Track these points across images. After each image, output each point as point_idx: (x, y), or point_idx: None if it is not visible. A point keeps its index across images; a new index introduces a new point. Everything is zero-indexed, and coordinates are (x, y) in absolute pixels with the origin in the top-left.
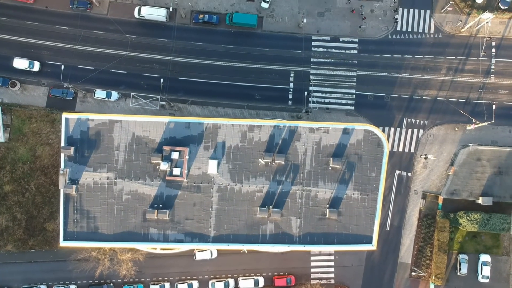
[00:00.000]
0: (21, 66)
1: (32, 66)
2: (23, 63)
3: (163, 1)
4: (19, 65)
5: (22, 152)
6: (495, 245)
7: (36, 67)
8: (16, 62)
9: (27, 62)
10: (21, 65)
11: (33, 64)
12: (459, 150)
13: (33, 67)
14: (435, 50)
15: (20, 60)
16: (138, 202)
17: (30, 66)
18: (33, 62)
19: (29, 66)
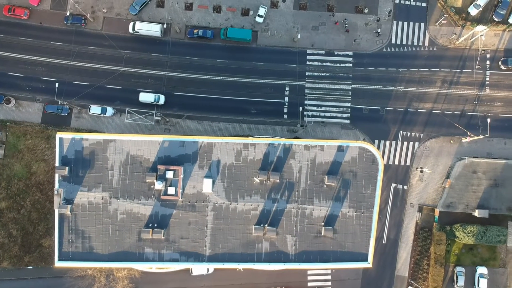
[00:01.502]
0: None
1: None
2: None
3: (157, 16)
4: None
5: (17, 169)
6: (492, 257)
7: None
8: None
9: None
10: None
11: None
12: (454, 162)
13: None
14: (429, 63)
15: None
16: (133, 222)
17: None
18: None
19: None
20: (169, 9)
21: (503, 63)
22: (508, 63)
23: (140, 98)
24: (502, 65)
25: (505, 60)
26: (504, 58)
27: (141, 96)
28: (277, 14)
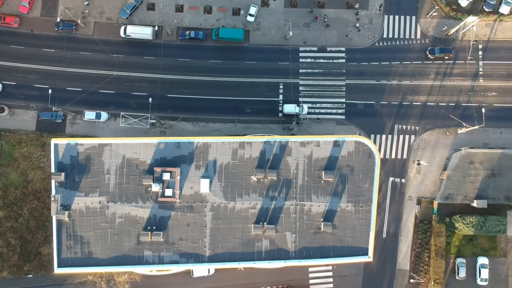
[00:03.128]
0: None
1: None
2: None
3: (148, 19)
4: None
5: (13, 177)
6: (492, 247)
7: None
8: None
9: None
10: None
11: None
12: (451, 154)
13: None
14: (422, 56)
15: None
16: (131, 225)
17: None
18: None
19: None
20: (160, 12)
21: (430, 53)
22: (435, 52)
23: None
24: (429, 55)
25: (432, 50)
26: (431, 48)
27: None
28: (268, 12)
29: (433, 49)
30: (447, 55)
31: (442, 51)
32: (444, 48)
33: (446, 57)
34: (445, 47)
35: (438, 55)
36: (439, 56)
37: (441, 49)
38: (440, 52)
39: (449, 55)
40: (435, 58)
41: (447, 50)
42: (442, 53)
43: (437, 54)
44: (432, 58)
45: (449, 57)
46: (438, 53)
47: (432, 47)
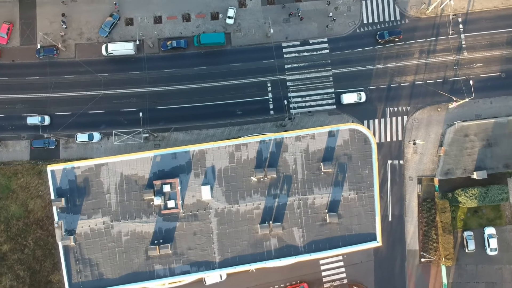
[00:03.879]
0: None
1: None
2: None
3: (128, 34)
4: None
5: (14, 209)
6: (497, 217)
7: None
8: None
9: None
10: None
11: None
12: (445, 129)
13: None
14: (404, 36)
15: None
16: (138, 241)
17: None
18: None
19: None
20: (139, 26)
21: (379, 37)
22: (385, 36)
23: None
24: (379, 39)
25: (381, 34)
26: (380, 32)
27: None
28: (247, 13)
29: (382, 33)
30: (397, 37)
31: (391, 34)
32: (393, 30)
33: (396, 40)
34: (394, 29)
35: (388, 39)
36: (390, 39)
37: (390, 32)
38: (389, 35)
39: (399, 37)
40: (386, 41)
41: (396, 32)
42: (392, 36)
43: (387, 37)
44: (382, 42)
45: (399, 38)
46: (388, 36)
47: (381, 32)
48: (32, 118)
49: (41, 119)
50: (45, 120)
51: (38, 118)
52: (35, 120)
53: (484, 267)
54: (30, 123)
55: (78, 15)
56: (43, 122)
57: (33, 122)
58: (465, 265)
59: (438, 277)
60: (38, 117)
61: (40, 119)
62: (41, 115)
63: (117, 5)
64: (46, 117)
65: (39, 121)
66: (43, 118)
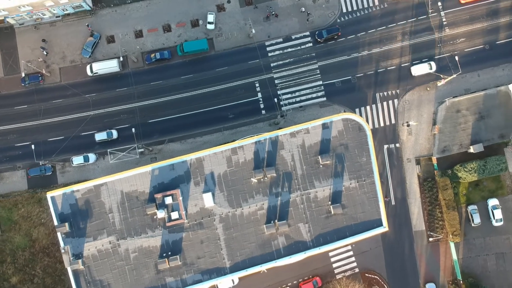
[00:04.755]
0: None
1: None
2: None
3: (111, 52)
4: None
5: (18, 240)
6: (498, 187)
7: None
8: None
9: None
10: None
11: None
12: (437, 108)
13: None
14: (385, 20)
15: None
16: (147, 256)
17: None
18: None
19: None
20: (121, 42)
21: (318, 37)
22: (323, 35)
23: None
24: (319, 38)
25: (320, 33)
26: (318, 32)
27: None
28: (226, 16)
29: (320, 33)
30: (336, 34)
31: (329, 32)
32: (331, 28)
33: (335, 37)
34: (332, 28)
35: (327, 37)
36: (329, 37)
37: (328, 31)
38: (328, 33)
39: (338, 34)
40: (325, 40)
41: (334, 30)
42: (331, 34)
43: (326, 36)
44: (322, 41)
45: (338, 35)
46: (327, 35)
47: (320, 31)
48: (100, 134)
49: (109, 134)
50: (113, 135)
51: (105, 134)
52: (103, 135)
53: (492, 238)
54: (98, 139)
55: (58, 38)
56: (111, 136)
57: (102, 138)
58: (473, 239)
59: (448, 254)
60: (105, 133)
61: (107, 134)
62: (108, 130)
63: (90, 27)
64: (113, 131)
65: (107, 136)
66: (111, 133)
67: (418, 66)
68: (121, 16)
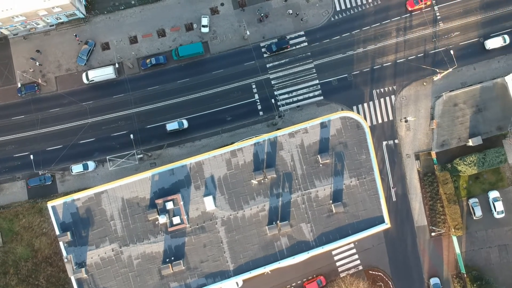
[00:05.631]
0: None
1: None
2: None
3: (106, 59)
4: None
5: (20, 251)
6: (499, 179)
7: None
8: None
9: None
10: None
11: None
12: (434, 102)
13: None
14: (379, 17)
15: None
16: (150, 262)
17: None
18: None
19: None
20: (116, 49)
21: (268, 50)
22: (273, 49)
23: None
24: (268, 52)
25: (269, 47)
26: (268, 45)
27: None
28: (220, 19)
29: (270, 46)
30: (285, 47)
31: (278, 45)
32: (280, 41)
33: (285, 49)
34: (280, 41)
35: (276, 50)
36: (278, 50)
37: (277, 44)
38: (277, 46)
39: (287, 47)
40: (274, 53)
41: (283, 43)
42: (279, 47)
43: (275, 49)
44: (271, 54)
45: (288, 48)
46: (276, 48)
47: (269, 45)
48: (171, 124)
49: (180, 124)
50: (184, 124)
51: (176, 124)
52: (174, 125)
53: (494, 230)
54: (170, 129)
55: (53, 47)
56: (182, 126)
57: (173, 128)
58: (475, 232)
59: (451, 248)
60: (176, 123)
61: (178, 124)
62: (179, 120)
63: (78, 37)
64: (184, 121)
65: (178, 126)
66: (182, 123)
67: (492, 39)
68: (115, 22)
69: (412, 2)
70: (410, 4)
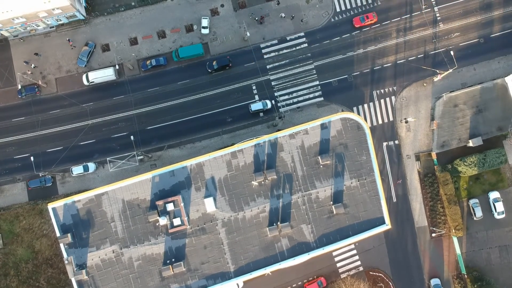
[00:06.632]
0: None
1: None
2: None
3: (107, 60)
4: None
5: (21, 253)
6: (499, 180)
7: None
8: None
9: None
10: None
11: None
12: (434, 103)
13: None
14: (379, 18)
15: None
16: (151, 264)
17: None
18: None
19: None
20: (116, 50)
21: (209, 68)
22: (214, 67)
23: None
24: (209, 69)
25: (210, 65)
26: (209, 63)
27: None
28: (220, 20)
29: (211, 64)
30: (226, 66)
31: (219, 63)
32: (221, 59)
33: (227, 68)
34: (221, 58)
35: (217, 68)
36: (219, 69)
37: (218, 62)
38: (218, 64)
39: (229, 65)
40: (216, 70)
41: (224, 61)
42: (220, 65)
43: (216, 67)
44: (213, 72)
45: (229, 67)
46: (217, 66)
47: (210, 62)
48: (255, 104)
49: (264, 104)
50: (268, 104)
51: (260, 104)
52: (259, 106)
53: (494, 231)
54: (254, 109)
55: (53, 49)
56: (266, 106)
57: (258, 108)
58: (475, 233)
59: (452, 249)
60: (260, 103)
61: (262, 104)
62: (263, 100)
63: (71, 41)
64: (267, 101)
65: (262, 106)
66: (265, 103)
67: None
68: (115, 24)
69: (359, 20)
70: (356, 22)
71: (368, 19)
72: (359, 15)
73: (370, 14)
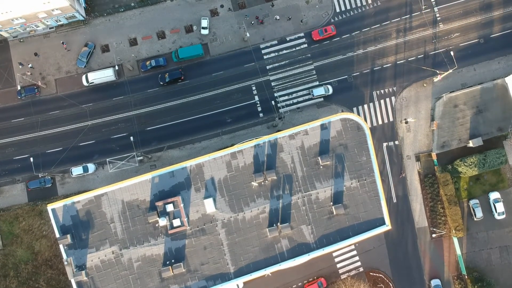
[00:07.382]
0: None
1: None
2: None
3: (106, 61)
4: None
5: (20, 254)
6: (499, 180)
7: None
8: None
9: None
10: None
11: None
12: (434, 103)
13: None
14: (379, 18)
15: None
16: (150, 265)
17: None
18: None
19: None
20: (116, 51)
21: (161, 80)
22: (166, 79)
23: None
24: (161, 82)
25: (162, 77)
26: (161, 75)
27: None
28: (220, 20)
29: (163, 77)
30: (179, 79)
31: (171, 76)
32: (173, 72)
33: (179, 80)
34: (174, 71)
35: (169, 81)
36: (171, 81)
37: (170, 75)
38: (170, 77)
39: (181, 78)
40: (168, 83)
41: (176, 74)
42: (172, 78)
43: (168, 80)
44: (165, 84)
45: (182, 79)
46: (169, 79)
47: (162, 75)
48: (317, 89)
49: (326, 89)
50: (329, 90)
51: (322, 89)
52: (321, 91)
53: (495, 232)
54: (316, 95)
55: (53, 50)
56: (327, 92)
57: (319, 94)
58: (476, 234)
59: (452, 250)
60: (322, 88)
61: (324, 89)
62: (325, 86)
63: (65, 44)
64: (329, 86)
65: (324, 92)
66: (327, 88)
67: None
68: (115, 24)
69: (317, 33)
70: (315, 35)
71: (326, 32)
72: (318, 29)
73: (328, 27)
